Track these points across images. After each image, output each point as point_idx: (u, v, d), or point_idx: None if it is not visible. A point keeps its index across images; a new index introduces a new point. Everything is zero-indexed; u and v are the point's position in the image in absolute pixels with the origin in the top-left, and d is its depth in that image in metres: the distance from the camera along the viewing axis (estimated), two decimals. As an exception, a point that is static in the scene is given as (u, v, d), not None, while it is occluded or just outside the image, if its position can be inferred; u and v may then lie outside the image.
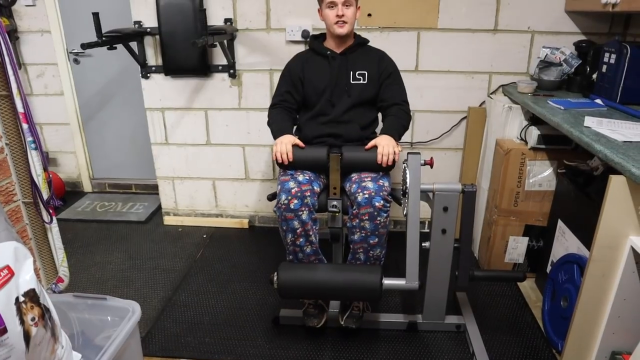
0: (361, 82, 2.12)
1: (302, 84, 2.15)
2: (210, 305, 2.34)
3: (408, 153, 1.91)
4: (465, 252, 2.00)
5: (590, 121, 1.83)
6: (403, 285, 1.92)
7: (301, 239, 1.95)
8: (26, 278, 1.08)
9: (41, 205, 1.56)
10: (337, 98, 2.12)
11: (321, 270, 1.95)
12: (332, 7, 2.04)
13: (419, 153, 1.91)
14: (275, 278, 1.92)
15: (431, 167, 1.95)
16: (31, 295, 1.08)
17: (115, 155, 3.67)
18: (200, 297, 2.41)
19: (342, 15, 2.03)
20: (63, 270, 1.70)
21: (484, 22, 2.57)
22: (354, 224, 1.91)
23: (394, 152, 1.92)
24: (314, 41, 2.21)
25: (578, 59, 2.39)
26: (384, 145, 1.92)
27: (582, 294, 1.60)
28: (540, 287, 2.36)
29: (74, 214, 3.37)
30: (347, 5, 2.04)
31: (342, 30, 2.05)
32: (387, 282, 1.90)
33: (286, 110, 2.15)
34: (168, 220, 3.22)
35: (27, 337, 1.04)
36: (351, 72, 2.12)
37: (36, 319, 1.07)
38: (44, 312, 1.12)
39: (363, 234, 1.91)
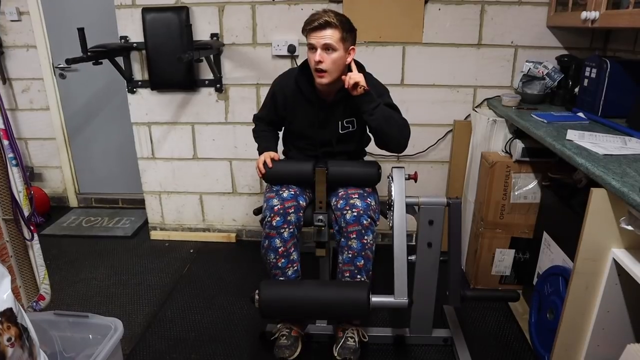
0: (350, 129, 2.01)
1: (285, 119, 2.08)
2: (196, 321, 2.32)
3: (392, 167, 1.92)
4: (455, 269, 1.97)
5: (572, 134, 1.85)
6: (392, 302, 1.82)
7: (283, 260, 1.90)
8: (3, 297, 1.06)
9: (22, 222, 1.54)
10: (323, 142, 2.05)
11: (305, 287, 1.87)
12: (312, 50, 1.80)
13: (402, 167, 1.92)
14: (256, 297, 1.81)
15: (415, 181, 1.96)
16: (8, 315, 1.06)
17: (102, 170, 3.64)
18: (187, 312, 2.38)
19: (320, 62, 1.78)
20: (44, 287, 1.68)
21: (468, 37, 2.60)
22: (342, 242, 1.90)
23: (359, 82, 1.76)
24: (300, 75, 1.96)
25: (560, 73, 2.43)
26: (354, 75, 1.78)
27: (566, 307, 1.61)
28: (527, 299, 2.36)
29: (59, 229, 3.33)
30: (328, 51, 1.78)
31: (322, 80, 1.83)
32: (375, 299, 1.79)
33: (270, 127, 2.16)
34: (155, 235, 3.20)
35: (2, 358, 1.02)
36: (339, 122, 1.99)
37: (13, 339, 1.05)
38: (22, 332, 1.10)
39: (350, 255, 1.88)
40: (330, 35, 1.76)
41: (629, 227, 1.41)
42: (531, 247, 2.33)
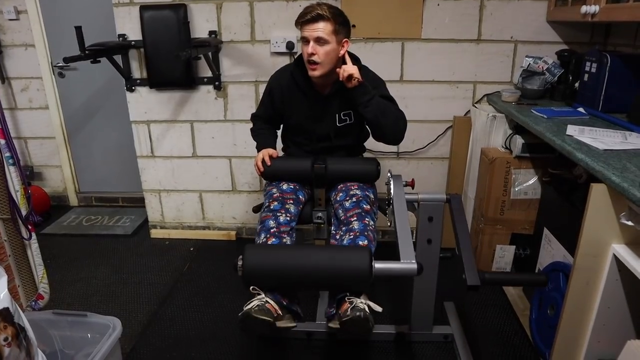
0: (347, 122, 2.00)
1: (282, 114, 2.07)
2: (196, 319, 2.32)
3: (389, 173, 1.90)
4: (466, 252, 1.74)
5: (572, 129, 1.84)
6: (398, 268, 1.54)
7: (274, 239, 1.72)
8: (-1, 297, 1.06)
9: (20, 222, 1.53)
10: (321, 137, 2.04)
11: (297, 251, 1.64)
12: (305, 42, 1.82)
13: (400, 175, 1.91)
14: (240, 263, 1.53)
15: (412, 187, 1.94)
16: (4, 315, 1.05)
17: (102, 169, 3.64)
18: (187, 310, 2.38)
19: (312, 55, 1.79)
20: (43, 286, 1.67)
21: (467, 32, 2.59)
22: (342, 231, 1.79)
23: (353, 74, 1.78)
24: (296, 69, 1.97)
25: (560, 68, 2.42)
26: (348, 67, 1.80)
27: (567, 303, 1.60)
28: (528, 296, 2.35)
29: (59, 228, 3.33)
30: (320, 43, 1.79)
31: (314, 73, 1.84)
32: (379, 265, 1.51)
33: (269, 124, 2.15)
34: (155, 233, 3.20)
35: (-1, 358, 1.02)
36: (337, 115, 1.98)
37: (9, 339, 1.05)
38: (19, 332, 1.09)
39: (352, 236, 1.74)
40: (322, 28, 1.77)
41: (629, 223, 1.40)
42: (532, 243, 2.32)
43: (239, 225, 3.15)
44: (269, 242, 1.72)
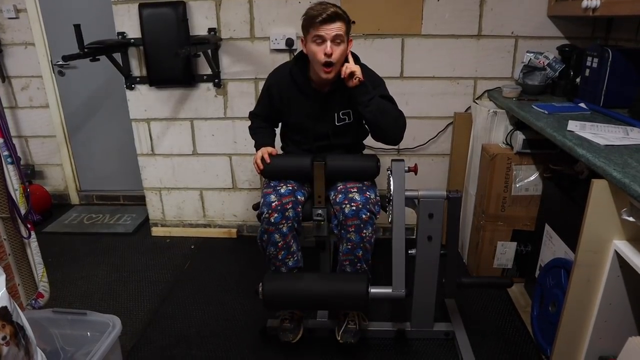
0: (346, 121, 1.99)
1: (281, 113, 2.06)
2: (197, 317, 2.31)
3: (392, 160, 1.90)
4: (452, 259, 2.00)
5: (573, 125, 1.83)
6: (389, 293, 1.89)
7: (283, 252, 1.94)
8: (-3, 296, 1.06)
9: (19, 220, 1.53)
10: (320, 136, 2.03)
11: (307, 279, 1.93)
12: (320, 42, 1.77)
13: (402, 160, 1.90)
14: (260, 289, 1.90)
15: (415, 173, 1.94)
16: (2, 314, 1.05)
17: (102, 167, 3.64)
18: (188, 308, 2.38)
19: (330, 55, 1.75)
20: (43, 285, 1.67)
21: (467, 28, 2.57)
22: (341, 234, 1.90)
23: (355, 72, 1.79)
24: (295, 68, 1.96)
25: (561, 64, 2.40)
26: (351, 65, 1.82)
27: (568, 299, 1.59)
28: (529, 292, 2.35)
29: (60, 227, 3.33)
30: (337, 43, 1.77)
31: (329, 75, 1.81)
32: (373, 290, 1.87)
33: (267, 123, 2.15)
34: (156, 231, 3.20)
35: (-3, 357, 1.02)
36: (335, 114, 1.97)
37: (8, 337, 1.05)
38: (17, 331, 1.09)
39: (349, 246, 1.89)
40: (339, 27, 1.76)
41: (631, 219, 1.39)
42: (533, 240, 2.31)
43: (240, 223, 3.14)
44: (279, 256, 1.95)
